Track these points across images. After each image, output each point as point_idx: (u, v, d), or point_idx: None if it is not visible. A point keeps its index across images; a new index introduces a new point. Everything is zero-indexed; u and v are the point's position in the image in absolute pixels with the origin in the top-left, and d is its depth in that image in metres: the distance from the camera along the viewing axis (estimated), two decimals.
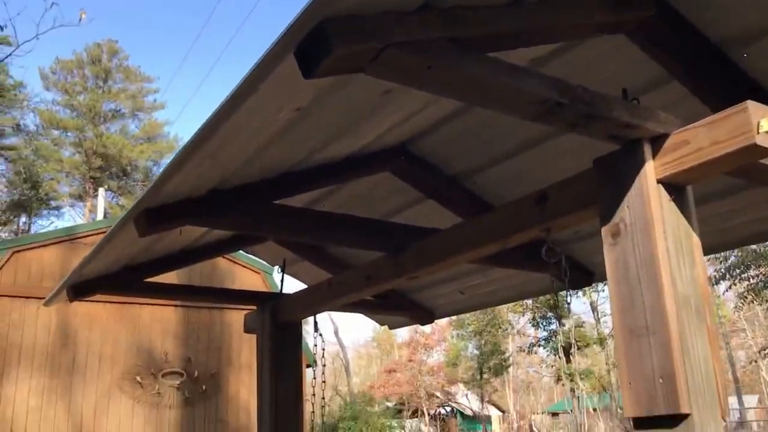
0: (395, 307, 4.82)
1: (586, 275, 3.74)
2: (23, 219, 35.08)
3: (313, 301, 3.96)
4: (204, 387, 8.20)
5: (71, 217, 36.70)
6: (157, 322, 8.15)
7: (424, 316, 4.88)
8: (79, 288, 3.67)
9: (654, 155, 2.03)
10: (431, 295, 4.71)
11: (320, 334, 4.15)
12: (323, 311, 4.21)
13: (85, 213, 35.36)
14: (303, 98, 2.07)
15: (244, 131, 2.14)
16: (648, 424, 1.94)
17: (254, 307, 4.38)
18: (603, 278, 2.94)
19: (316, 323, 4.14)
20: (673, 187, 2.03)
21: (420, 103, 2.68)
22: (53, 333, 7.56)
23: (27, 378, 7.31)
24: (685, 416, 1.85)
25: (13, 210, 33.84)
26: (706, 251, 3.22)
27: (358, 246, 3.54)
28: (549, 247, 2.47)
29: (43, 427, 7.26)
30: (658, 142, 2.03)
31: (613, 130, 2.00)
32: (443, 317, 4.97)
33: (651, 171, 2.02)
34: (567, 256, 2.84)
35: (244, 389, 8.34)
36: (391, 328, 5.62)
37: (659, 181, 2.01)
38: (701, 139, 1.93)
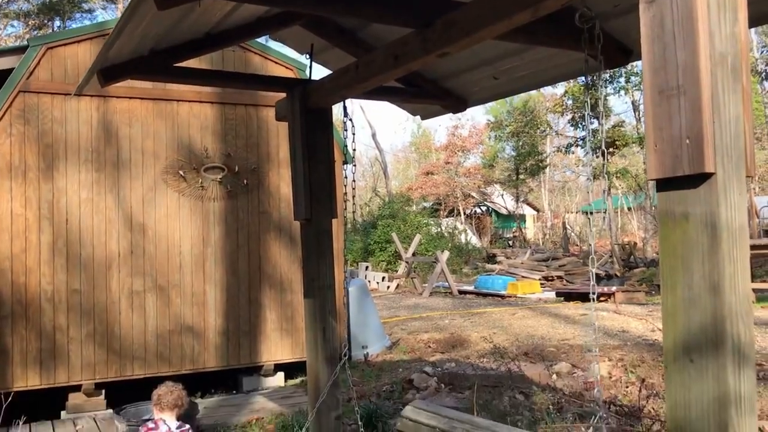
0: (427, 95, 4.74)
1: (623, 53, 3.58)
2: (57, 23, 34.73)
3: (341, 85, 3.91)
4: (245, 181, 8.47)
5: (105, 20, 36.20)
6: (195, 119, 8.26)
7: (457, 103, 4.81)
8: (109, 72, 3.67)
9: None
10: (464, 82, 4.60)
11: (350, 119, 4.16)
12: (352, 96, 4.18)
13: (117, 15, 34.79)
14: None
15: None
16: (671, 185, 1.93)
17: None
18: (641, 56, 2.80)
19: (345, 108, 4.13)
20: None
21: None
22: (95, 129, 7.74)
23: (76, 172, 7.61)
24: (710, 175, 1.83)
25: (46, 13, 33.42)
26: (758, 21, 3.04)
27: (385, 21, 3.41)
28: (583, 13, 2.34)
29: (96, 216, 7.70)
30: None
31: None
32: (476, 104, 4.89)
33: None
34: (605, 33, 2.69)
35: (284, 184, 8.60)
36: (423, 118, 5.58)
37: None
38: None
